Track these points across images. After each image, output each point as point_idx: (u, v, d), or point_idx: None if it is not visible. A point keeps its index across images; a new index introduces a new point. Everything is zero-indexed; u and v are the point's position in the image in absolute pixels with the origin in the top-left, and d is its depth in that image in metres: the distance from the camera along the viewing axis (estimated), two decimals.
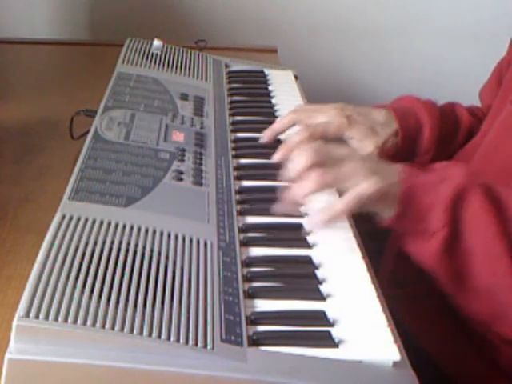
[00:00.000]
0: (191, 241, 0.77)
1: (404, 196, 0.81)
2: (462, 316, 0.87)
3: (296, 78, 1.34)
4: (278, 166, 1.00)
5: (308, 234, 0.85)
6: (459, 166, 0.87)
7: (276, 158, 0.92)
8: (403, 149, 1.06)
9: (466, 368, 0.96)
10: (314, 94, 1.31)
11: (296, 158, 0.85)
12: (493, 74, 1.19)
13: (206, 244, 0.77)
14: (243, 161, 1.01)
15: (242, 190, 0.93)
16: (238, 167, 0.98)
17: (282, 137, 1.08)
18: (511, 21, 1.86)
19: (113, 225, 0.75)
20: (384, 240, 1.13)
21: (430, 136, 1.07)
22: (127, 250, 0.72)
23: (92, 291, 0.65)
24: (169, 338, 0.62)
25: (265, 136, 1.05)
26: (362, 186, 0.81)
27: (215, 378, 0.62)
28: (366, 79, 1.97)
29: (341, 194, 0.84)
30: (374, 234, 1.16)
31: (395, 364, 0.67)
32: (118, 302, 0.64)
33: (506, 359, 0.92)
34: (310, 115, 1.05)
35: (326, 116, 1.04)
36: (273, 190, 0.93)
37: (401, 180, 0.82)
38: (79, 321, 0.61)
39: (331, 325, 0.70)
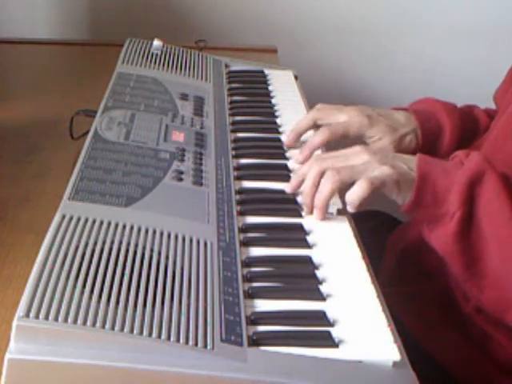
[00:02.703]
0: (191, 241, 0.76)
1: (421, 181, 0.83)
2: (463, 315, 0.87)
3: (296, 78, 1.34)
4: (278, 167, 1.00)
5: (308, 234, 0.85)
6: (476, 152, 0.87)
7: (289, 189, 0.91)
8: (422, 151, 1.05)
9: (466, 367, 0.97)
10: (314, 94, 1.31)
11: (307, 173, 0.87)
12: (507, 76, 1.18)
13: (206, 244, 0.77)
14: (243, 161, 1.01)
15: (241, 190, 0.93)
16: (238, 167, 0.98)
17: (303, 137, 1.07)
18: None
19: (113, 225, 0.75)
20: (385, 238, 1.13)
21: (450, 139, 1.08)
22: (127, 250, 0.72)
23: (92, 291, 0.65)
24: (169, 337, 0.62)
25: (290, 139, 1.05)
26: (374, 174, 0.82)
27: (215, 377, 0.62)
28: (366, 79, 1.97)
29: None
30: (374, 232, 1.17)
31: (395, 364, 0.67)
32: (118, 302, 0.64)
33: (509, 357, 0.92)
34: (331, 113, 1.05)
35: (346, 115, 1.04)
36: (273, 190, 0.93)
37: (417, 166, 0.84)
38: (79, 321, 0.61)
39: (331, 325, 0.70)
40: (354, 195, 0.83)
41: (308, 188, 0.87)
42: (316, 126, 1.05)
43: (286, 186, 0.91)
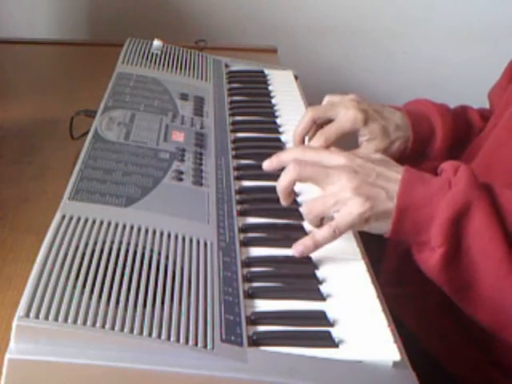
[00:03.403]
0: (191, 241, 0.76)
1: (400, 213, 0.78)
2: (464, 316, 0.87)
3: (296, 78, 1.34)
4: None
5: (308, 234, 0.85)
6: (464, 170, 0.81)
7: (265, 166, 0.88)
8: (412, 153, 1.04)
9: (466, 367, 0.97)
10: (314, 94, 1.31)
11: (283, 174, 0.84)
12: (504, 74, 1.17)
13: (206, 244, 0.77)
14: (243, 161, 1.01)
15: (242, 190, 0.93)
16: (238, 167, 0.98)
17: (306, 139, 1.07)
18: None
19: (113, 225, 0.75)
20: (385, 238, 1.13)
21: (441, 143, 1.06)
22: (127, 250, 0.72)
23: (92, 291, 0.65)
24: (169, 337, 0.62)
25: (295, 143, 1.02)
26: (342, 218, 0.78)
27: (215, 377, 0.62)
28: (366, 79, 1.97)
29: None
30: None
31: (395, 364, 0.67)
32: (118, 302, 0.64)
33: (509, 359, 0.92)
34: (327, 109, 1.02)
35: (344, 108, 1.01)
36: (273, 190, 0.93)
37: (398, 196, 0.78)
38: (79, 321, 0.61)
39: (331, 325, 0.70)
40: (319, 241, 0.80)
41: (281, 189, 0.84)
42: (316, 125, 1.03)
43: (265, 162, 0.88)
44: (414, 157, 1.05)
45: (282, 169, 0.99)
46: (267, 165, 0.87)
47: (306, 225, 0.86)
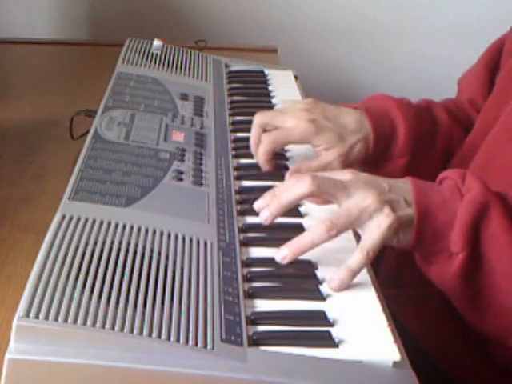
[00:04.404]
0: (191, 241, 0.76)
1: (421, 218, 0.77)
2: (464, 318, 0.87)
3: (296, 78, 1.34)
4: (278, 166, 1.00)
5: None
6: (473, 177, 0.81)
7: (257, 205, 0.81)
8: (376, 152, 1.01)
9: (465, 368, 0.97)
10: (314, 94, 1.30)
11: (294, 186, 0.78)
12: (479, 62, 1.14)
13: (206, 244, 0.77)
14: (243, 161, 1.01)
15: (241, 190, 0.93)
16: (238, 167, 0.98)
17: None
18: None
19: (113, 225, 0.75)
20: None
21: (404, 139, 1.02)
22: (127, 250, 0.72)
23: (92, 291, 0.65)
24: (169, 338, 0.62)
25: (260, 160, 0.97)
26: (374, 235, 0.75)
27: (215, 377, 0.62)
28: (365, 79, 1.97)
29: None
30: None
31: (395, 364, 0.67)
32: (117, 302, 0.64)
33: (507, 360, 0.92)
34: (275, 116, 0.99)
35: (292, 118, 0.97)
36: None
37: (415, 200, 0.77)
38: (79, 321, 0.61)
39: (331, 325, 0.70)
40: (355, 269, 0.76)
41: (286, 201, 0.79)
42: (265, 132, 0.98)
43: (256, 203, 0.81)
44: (378, 156, 1.02)
45: (283, 169, 0.99)
46: (260, 205, 0.81)
47: (306, 224, 0.86)
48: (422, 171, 0.92)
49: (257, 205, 0.81)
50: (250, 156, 1.01)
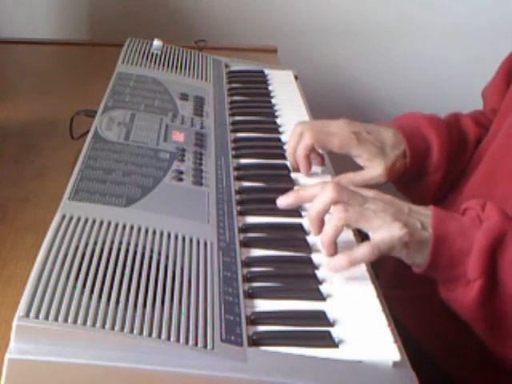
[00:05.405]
0: (191, 241, 0.77)
1: (437, 244, 0.78)
2: (463, 317, 0.87)
3: (296, 78, 1.34)
4: (278, 167, 1.00)
5: (308, 234, 0.85)
6: (492, 206, 0.82)
7: (283, 203, 0.85)
8: (412, 169, 1.03)
9: (466, 368, 0.96)
10: (314, 94, 1.31)
11: (318, 195, 0.81)
12: (498, 72, 1.16)
13: (206, 244, 0.77)
14: (243, 161, 1.01)
15: (241, 190, 0.93)
16: (238, 167, 0.98)
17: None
18: None
19: (113, 225, 0.75)
20: None
21: (439, 155, 1.04)
22: (127, 250, 0.72)
23: (92, 291, 0.65)
24: (169, 337, 0.62)
25: (302, 160, 0.98)
26: (382, 235, 0.77)
27: (215, 377, 0.62)
28: (365, 79, 1.97)
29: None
30: None
31: (395, 364, 0.67)
32: (117, 302, 0.64)
33: (509, 360, 0.92)
34: (321, 123, 1.01)
35: (336, 127, 0.99)
36: (273, 190, 0.93)
37: (433, 225, 0.79)
38: (79, 321, 0.61)
39: (331, 325, 0.70)
40: (357, 258, 0.77)
41: (315, 213, 0.80)
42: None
43: (280, 199, 0.85)
44: (414, 173, 1.04)
45: (282, 169, 0.99)
46: (283, 202, 0.85)
47: (306, 224, 0.86)
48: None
49: (279, 201, 0.85)
50: (250, 156, 1.02)
